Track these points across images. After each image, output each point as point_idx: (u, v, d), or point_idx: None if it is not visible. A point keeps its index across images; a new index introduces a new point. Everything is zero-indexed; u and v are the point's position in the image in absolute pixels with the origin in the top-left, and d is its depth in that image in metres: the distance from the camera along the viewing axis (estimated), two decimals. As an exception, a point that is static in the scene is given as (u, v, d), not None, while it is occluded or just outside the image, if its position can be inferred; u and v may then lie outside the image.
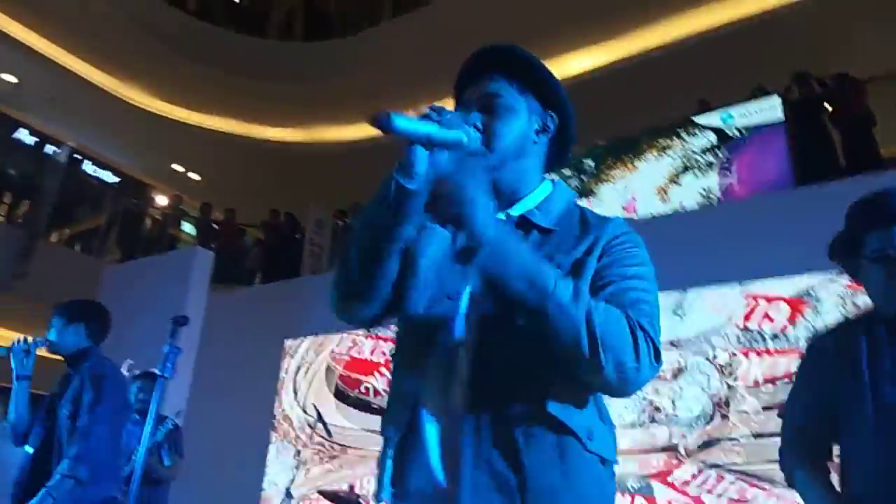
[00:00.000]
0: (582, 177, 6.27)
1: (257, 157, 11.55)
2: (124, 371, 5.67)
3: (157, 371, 4.38)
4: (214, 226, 10.29)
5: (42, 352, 2.85)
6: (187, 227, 10.35)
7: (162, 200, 11.93)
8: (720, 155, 5.65)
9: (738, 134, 5.62)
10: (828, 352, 1.52)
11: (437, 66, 9.53)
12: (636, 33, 8.73)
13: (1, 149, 8.81)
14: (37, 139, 11.44)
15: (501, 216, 1.14)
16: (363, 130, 11.16)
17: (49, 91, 10.75)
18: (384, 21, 10.33)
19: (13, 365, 2.79)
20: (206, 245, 8.53)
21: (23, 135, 11.28)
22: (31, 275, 7.66)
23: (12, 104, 11.14)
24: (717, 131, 5.76)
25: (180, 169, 12.40)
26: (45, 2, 9.37)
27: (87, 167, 11.75)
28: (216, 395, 6.33)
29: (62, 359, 2.85)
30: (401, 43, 9.81)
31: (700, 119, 5.93)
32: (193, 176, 12.53)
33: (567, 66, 9.36)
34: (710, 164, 5.65)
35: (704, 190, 5.55)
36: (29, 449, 2.68)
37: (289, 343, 6.78)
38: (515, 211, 1.17)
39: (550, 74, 1.22)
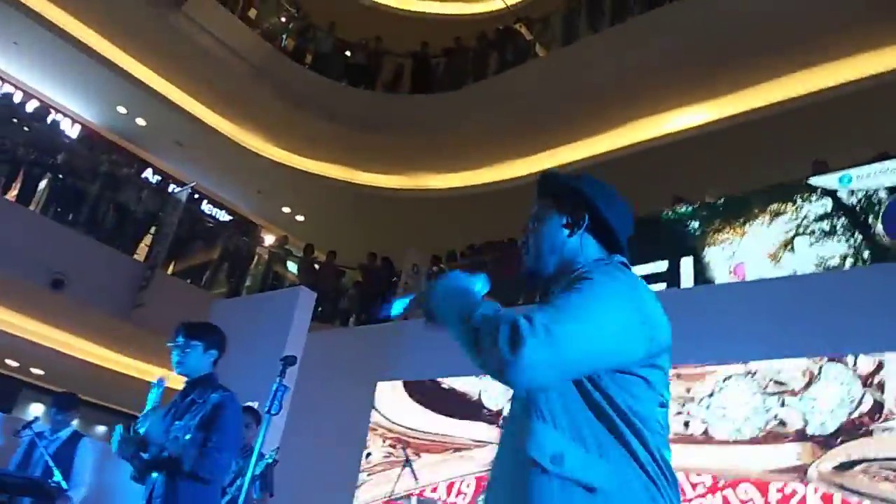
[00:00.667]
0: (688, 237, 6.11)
1: (360, 202, 11.98)
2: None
3: (254, 406, 4.54)
4: (316, 266, 10.68)
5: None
6: (290, 266, 10.78)
7: (269, 239, 12.53)
8: (835, 222, 5.36)
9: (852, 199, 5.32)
10: None
11: (534, 120, 9.76)
12: (748, 90, 8.52)
13: (129, 186, 9.52)
14: (160, 178, 12.37)
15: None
16: (460, 180, 11.39)
17: (174, 134, 11.66)
18: (489, 76, 10.58)
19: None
20: (306, 284, 8.87)
21: (148, 174, 12.22)
22: (147, 304, 8.18)
23: (141, 145, 12.14)
24: (832, 195, 5.48)
25: (288, 210, 13.02)
26: (175, 51, 10.25)
27: (204, 206, 12.56)
28: (309, 432, 6.47)
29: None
30: (501, 97, 10.02)
31: (815, 180, 5.67)
32: (299, 217, 13.12)
33: (675, 121, 9.25)
34: (825, 232, 5.37)
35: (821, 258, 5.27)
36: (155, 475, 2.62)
37: (381, 385, 6.87)
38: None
39: (570, 180, 1.44)
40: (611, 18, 9.36)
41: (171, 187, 11.63)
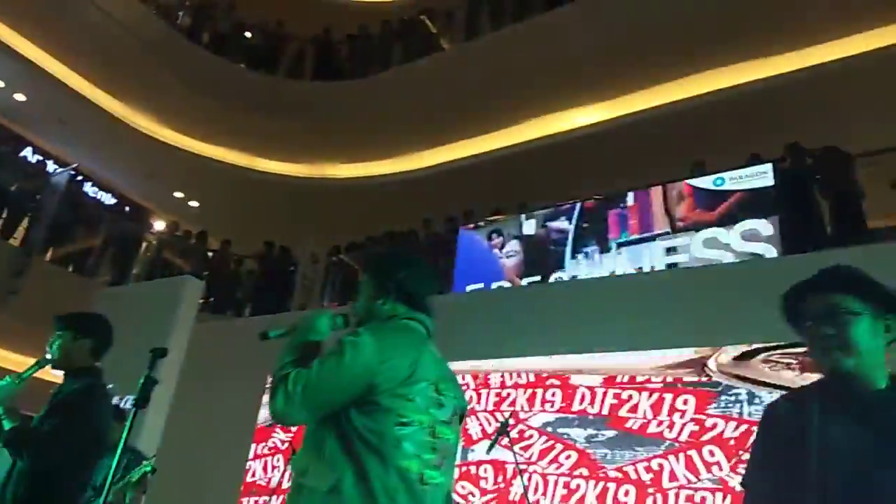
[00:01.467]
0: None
1: (258, 190, 11.68)
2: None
3: (122, 403, 4.34)
4: (209, 254, 10.34)
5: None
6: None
7: (160, 225, 12.00)
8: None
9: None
10: (781, 422, 1.55)
11: (438, 112, 9.84)
12: (637, 93, 8.94)
13: (5, 165, 8.86)
14: (40, 157, 11.57)
15: None
16: (362, 170, 11.33)
17: (57, 111, 10.93)
18: (393, 66, 10.55)
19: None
20: (198, 273, 8.57)
21: (27, 153, 11.41)
22: (24, 292, 7.67)
23: (20, 122, 11.31)
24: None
25: (180, 195, 12.51)
26: (60, 23, 9.61)
27: (88, 188, 11.85)
28: (195, 428, 6.26)
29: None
30: (406, 88, 10.03)
31: (694, 182, 6.03)
32: (193, 203, 12.63)
33: (566, 121, 9.57)
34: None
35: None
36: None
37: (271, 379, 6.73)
38: None
39: (380, 257, 2.24)
40: (513, 16, 9.54)
41: (53, 167, 10.91)
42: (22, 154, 11.07)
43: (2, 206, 8.63)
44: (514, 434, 4.30)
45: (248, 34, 11.76)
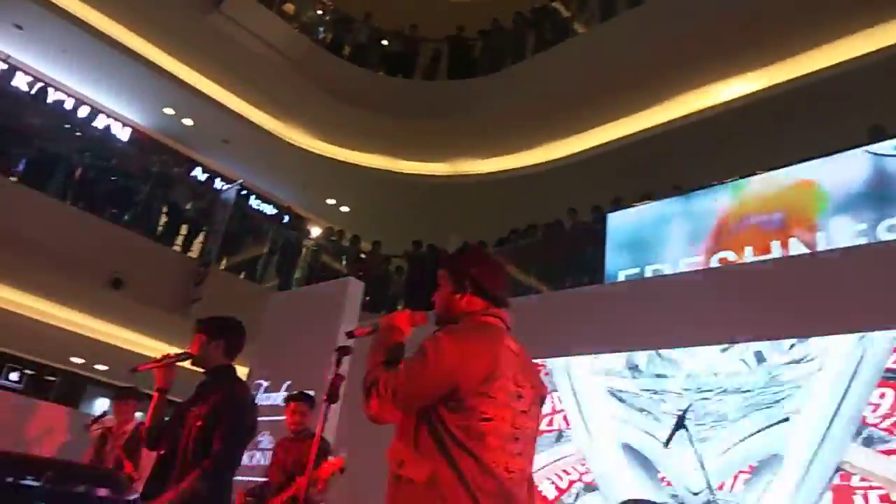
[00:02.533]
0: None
1: (402, 191, 12.06)
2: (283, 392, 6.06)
3: (311, 393, 4.61)
4: (362, 255, 10.83)
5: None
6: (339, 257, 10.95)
7: (315, 231, 12.72)
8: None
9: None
10: None
11: (575, 98, 9.63)
12: (793, 58, 8.25)
13: (180, 185, 9.78)
14: (208, 176, 12.67)
15: None
16: (500, 164, 11.35)
17: (220, 132, 11.91)
18: (528, 57, 10.48)
19: (157, 376, 3.01)
20: (354, 274, 8.99)
21: (197, 172, 12.53)
22: (204, 300, 8.43)
23: (189, 144, 12.44)
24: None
25: (332, 202, 13.20)
26: (216, 50, 10.46)
27: (252, 201, 12.82)
28: (362, 420, 6.55)
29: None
30: (542, 77, 9.92)
31: (873, 148, 5.47)
32: (343, 209, 13.28)
33: (720, 93, 9.02)
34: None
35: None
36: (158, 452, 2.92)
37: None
38: None
39: (458, 257, 2.13)
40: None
41: (220, 184, 11.91)
42: (193, 174, 12.15)
43: (180, 222, 9.54)
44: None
45: (384, 41, 12.16)
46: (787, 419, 4.04)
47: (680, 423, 3.41)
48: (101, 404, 11.67)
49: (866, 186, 5.38)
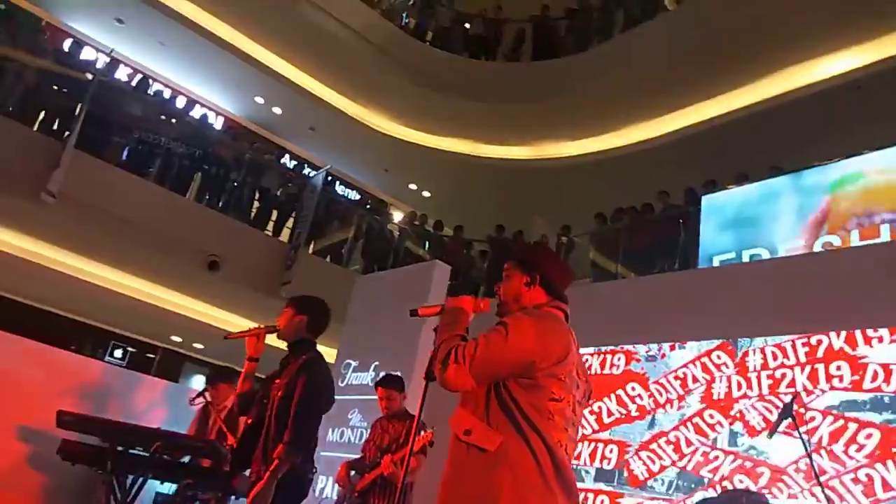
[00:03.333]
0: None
1: (484, 175, 12.01)
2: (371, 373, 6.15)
3: (398, 374, 4.67)
4: (445, 240, 10.86)
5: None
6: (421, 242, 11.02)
7: (398, 216, 12.87)
8: None
9: None
10: None
11: (663, 78, 9.26)
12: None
13: (271, 172, 10.08)
14: (296, 163, 13.01)
15: None
16: (587, 146, 11.09)
17: (308, 120, 12.20)
18: (615, 35, 10.17)
19: (247, 347, 3.28)
20: (437, 258, 9.02)
21: (286, 159, 12.89)
22: (293, 282, 8.67)
23: (278, 132, 12.81)
24: None
25: (414, 187, 13.30)
26: (304, 39, 10.69)
27: (337, 187, 13.09)
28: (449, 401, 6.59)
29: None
30: (629, 56, 9.61)
31: None
32: (425, 193, 13.36)
33: (819, 69, 8.48)
34: None
35: None
36: (249, 421, 3.15)
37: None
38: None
39: (529, 250, 2.33)
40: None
41: (308, 171, 12.21)
42: (282, 161, 12.50)
43: (271, 207, 9.84)
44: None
45: (467, 24, 12.09)
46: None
47: (787, 413, 3.23)
48: (198, 381, 12.26)
49: None
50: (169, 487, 3.98)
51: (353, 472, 4.24)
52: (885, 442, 3.79)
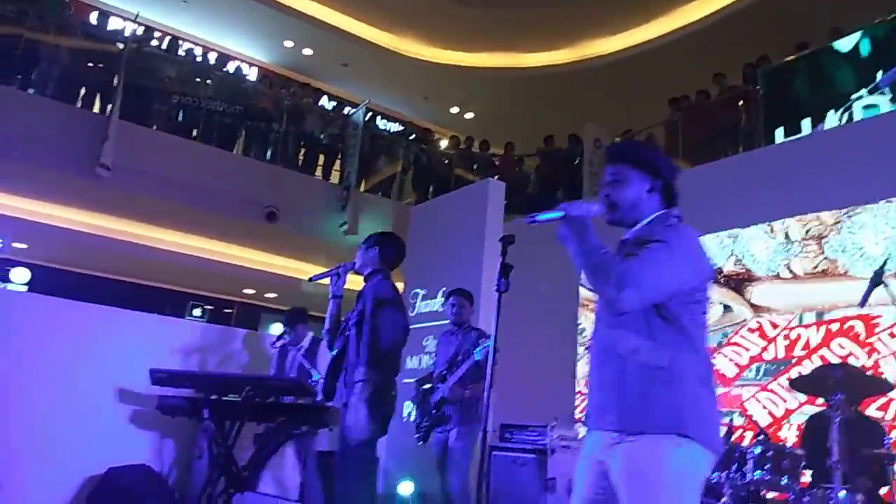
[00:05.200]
0: None
1: (526, 86, 11.66)
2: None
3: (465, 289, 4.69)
4: (495, 161, 10.65)
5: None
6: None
7: (444, 143, 12.68)
8: None
9: None
10: None
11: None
12: None
13: (311, 116, 10.01)
14: (335, 103, 12.88)
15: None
16: (628, 39, 10.56)
17: (340, 57, 12.01)
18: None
19: (330, 286, 3.39)
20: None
21: (324, 101, 12.77)
22: (350, 222, 8.73)
23: (311, 74, 12.66)
24: None
25: (456, 110, 13.03)
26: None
27: (379, 122, 12.95)
28: (519, 313, 6.61)
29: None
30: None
31: None
32: (468, 115, 13.09)
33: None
34: None
35: None
36: (333, 352, 3.28)
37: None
38: (628, 234, 1.96)
39: (650, 153, 2.00)
40: None
41: (347, 109, 12.09)
42: (320, 103, 12.40)
43: (317, 151, 9.83)
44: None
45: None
46: None
47: (877, 280, 3.07)
48: (276, 328, 12.69)
49: None
50: (265, 427, 4.13)
51: (425, 386, 4.35)
52: None
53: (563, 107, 11.21)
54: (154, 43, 10.68)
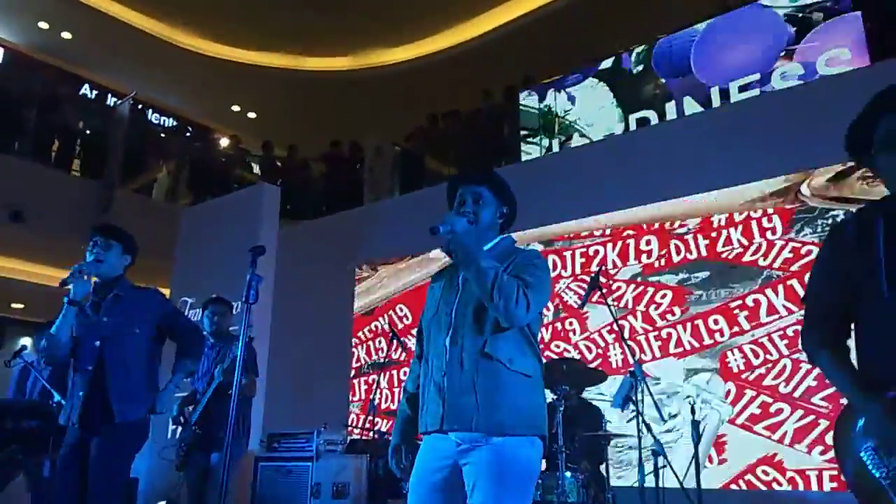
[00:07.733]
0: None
1: (310, 89, 11.57)
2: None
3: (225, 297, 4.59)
4: (278, 162, 10.47)
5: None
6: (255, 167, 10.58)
7: (224, 142, 12.19)
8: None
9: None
10: (847, 235, 1.51)
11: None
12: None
13: (68, 105, 9.08)
14: (97, 93, 11.78)
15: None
16: (408, 51, 10.99)
17: (105, 43, 11.00)
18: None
19: (72, 290, 3.03)
20: (271, 182, 8.72)
21: (85, 90, 11.64)
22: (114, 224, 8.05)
23: (72, 60, 11.46)
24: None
25: (237, 109, 12.58)
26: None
27: (151, 116, 12.08)
28: (295, 320, 6.61)
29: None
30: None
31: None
32: (251, 115, 12.70)
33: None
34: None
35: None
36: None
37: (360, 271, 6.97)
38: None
39: (507, 185, 2.20)
40: None
41: (112, 101, 11.13)
42: (81, 92, 11.29)
43: (74, 145, 8.94)
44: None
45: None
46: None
47: (594, 284, 3.57)
48: (24, 342, 11.28)
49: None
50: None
51: (187, 408, 4.18)
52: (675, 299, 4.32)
53: (346, 113, 11.34)
54: None
